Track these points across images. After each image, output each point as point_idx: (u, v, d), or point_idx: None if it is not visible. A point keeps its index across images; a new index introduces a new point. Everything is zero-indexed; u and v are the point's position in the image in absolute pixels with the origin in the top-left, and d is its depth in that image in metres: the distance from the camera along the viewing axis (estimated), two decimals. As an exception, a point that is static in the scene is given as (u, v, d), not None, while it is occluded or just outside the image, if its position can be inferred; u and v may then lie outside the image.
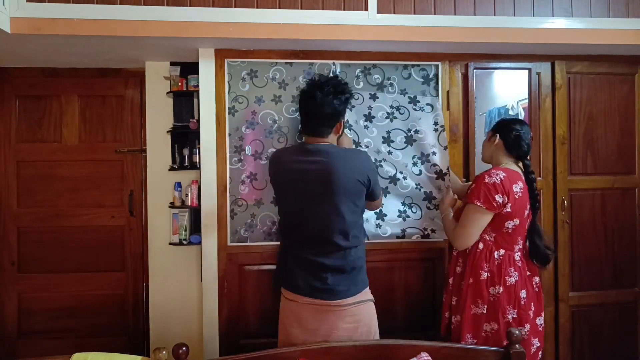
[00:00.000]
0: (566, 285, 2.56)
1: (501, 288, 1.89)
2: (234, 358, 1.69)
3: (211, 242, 2.35)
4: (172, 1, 2.13)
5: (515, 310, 1.90)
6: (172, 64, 2.62)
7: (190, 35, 2.15)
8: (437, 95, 2.45)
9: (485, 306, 1.91)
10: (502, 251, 1.93)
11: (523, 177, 1.95)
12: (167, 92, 2.63)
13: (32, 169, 2.81)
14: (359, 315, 1.85)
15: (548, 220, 2.56)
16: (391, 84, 2.43)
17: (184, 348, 1.62)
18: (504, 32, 2.29)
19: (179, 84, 2.59)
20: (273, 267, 2.36)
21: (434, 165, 2.38)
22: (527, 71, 2.54)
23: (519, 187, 1.89)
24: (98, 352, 1.65)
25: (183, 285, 2.70)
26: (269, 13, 2.17)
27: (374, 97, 2.42)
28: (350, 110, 2.40)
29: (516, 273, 1.92)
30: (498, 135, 2.02)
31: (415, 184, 2.37)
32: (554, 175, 2.56)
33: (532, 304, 1.96)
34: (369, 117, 2.40)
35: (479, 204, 1.88)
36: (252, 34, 2.16)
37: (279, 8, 2.18)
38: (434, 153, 2.38)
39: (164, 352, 1.59)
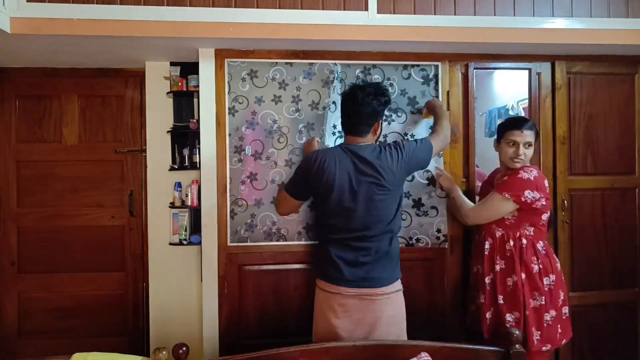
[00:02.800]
0: (566, 285, 2.56)
1: (554, 276, 2.04)
2: (234, 358, 1.69)
3: (211, 242, 2.35)
4: (172, 1, 2.13)
5: (563, 293, 2.07)
6: (172, 64, 2.62)
7: (190, 35, 2.15)
8: (437, 96, 2.45)
9: (544, 297, 2.02)
10: (541, 242, 2.07)
11: None
12: (167, 92, 2.63)
13: (32, 169, 2.81)
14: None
15: (548, 220, 2.56)
16: (391, 84, 2.43)
17: (184, 348, 1.62)
18: (504, 32, 2.29)
19: (179, 84, 2.59)
20: (273, 267, 2.37)
21: (427, 171, 2.39)
22: (527, 71, 2.54)
23: (547, 182, 2.08)
24: (98, 352, 1.65)
25: (183, 285, 2.70)
26: (269, 13, 2.17)
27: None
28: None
29: (557, 259, 2.12)
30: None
31: (405, 192, 2.36)
32: (554, 175, 2.56)
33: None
34: None
35: (507, 195, 2.02)
36: (252, 34, 2.16)
37: (279, 8, 2.18)
38: None
39: (164, 352, 1.59)
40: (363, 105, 1.90)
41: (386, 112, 2.40)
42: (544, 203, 2.02)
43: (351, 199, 1.88)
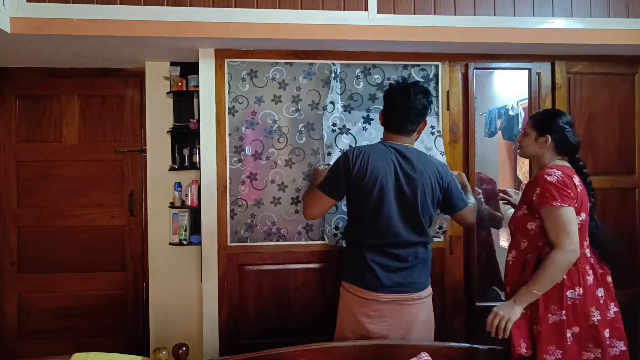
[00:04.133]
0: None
1: (581, 289, 1.72)
2: (234, 358, 1.70)
3: (211, 242, 2.35)
4: (172, 1, 2.13)
5: (599, 312, 1.73)
6: (172, 64, 2.62)
7: (190, 35, 2.15)
8: (437, 96, 2.45)
9: (564, 312, 1.70)
10: None
11: (574, 170, 1.83)
12: (167, 92, 2.63)
13: (32, 169, 2.81)
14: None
15: (548, 220, 2.56)
16: (391, 84, 2.42)
17: (184, 348, 1.63)
18: (504, 32, 2.29)
19: (179, 84, 2.59)
20: (273, 267, 2.37)
21: None
22: (527, 71, 2.54)
23: (577, 180, 1.78)
24: (98, 352, 1.65)
25: (183, 285, 2.70)
26: (269, 13, 2.17)
27: (373, 98, 2.42)
28: (350, 112, 2.40)
29: (591, 271, 1.76)
30: (549, 137, 1.83)
31: None
32: (554, 175, 2.56)
33: (612, 304, 1.80)
34: (367, 119, 2.40)
35: (558, 204, 1.69)
36: (252, 34, 2.16)
37: (279, 8, 2.18)
38: None
39: (164, 352, 1.60)
40: (416, 101, 1.83)
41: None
42: (576, 205, 1.74)
43: (393, 201, 1.80)
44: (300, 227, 2.39)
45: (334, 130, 2.38)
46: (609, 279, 1.84)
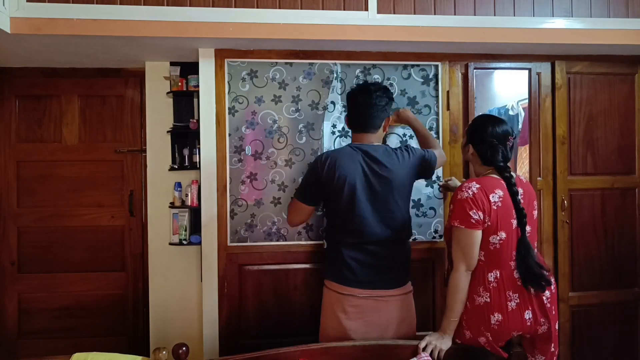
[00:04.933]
0: (566, 285, 2.56)
1: (501, 316, 1.68)
2: (234, 358, 1.70)
3: (211, 242, 2.35)
4: (172, 1, 2.13)
5: (521, 333, 1.74)
6: (172, 64, 2.62)
7: (190, 35, 2.15)
8: (437, 96, 2.45)
9: (489, 334, 1.70)
10: (497, 272, 1.69)
11: (505, 184, 1.71)
12: (167, 92, 2.63)
13: (32, 169, 2.81)
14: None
15: (548, 220, 2.56)
16: (391, 84, 2.43)
17: (184, 348, 1.63)
18: (504, 32, 2.29)
19: (179, 84, 2.59)
20: (273, 267, 2.37)
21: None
22: (527, 71, 2.54)
23: (497, 196, 1.67)
24: (98, 352, 1.66)
25: (183, 285, 2.70)
26: (269, 13, 2.17)
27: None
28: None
29: (516, 295, 1.69)
30: (471, 146, 1.81)
31: None
32: (554, 175, 2.56)
33: (542, 320, 1.72)
34: None
35: (456, 224, 1.70)
36: (252, 34, 2.16)
37: (279, 8, 2.18)
38: None
39: (164, 352, 1.60)
40: (377, 98, 1.88)
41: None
42: (489, 223, 1.68)
43: (364, 200, 1.85)
44: (301, 227, 2.39)
45: (333, 132, 2.38)
46: (547, 294, 1.73)
